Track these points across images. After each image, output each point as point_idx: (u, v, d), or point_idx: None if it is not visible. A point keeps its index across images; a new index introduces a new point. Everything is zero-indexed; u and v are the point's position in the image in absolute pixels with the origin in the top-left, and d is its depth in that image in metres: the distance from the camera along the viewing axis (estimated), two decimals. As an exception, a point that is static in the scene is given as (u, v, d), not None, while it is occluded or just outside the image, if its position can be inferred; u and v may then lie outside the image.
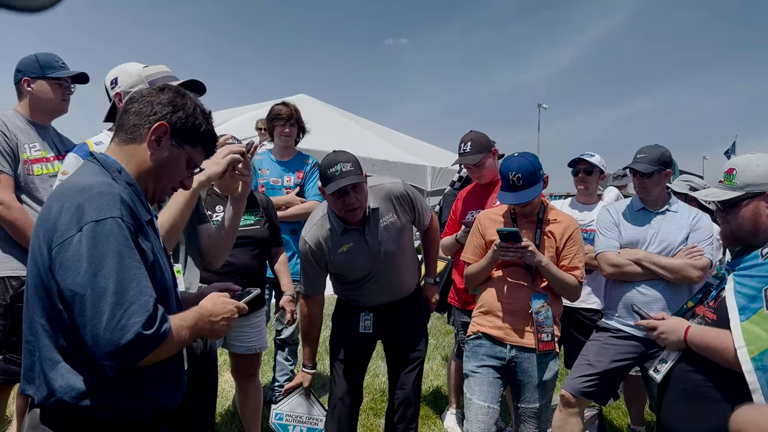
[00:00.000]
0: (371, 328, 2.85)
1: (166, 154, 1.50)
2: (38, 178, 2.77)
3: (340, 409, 2.87)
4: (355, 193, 2.54)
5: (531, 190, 2.53)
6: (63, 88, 2.88)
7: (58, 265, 1.27)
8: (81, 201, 1.30)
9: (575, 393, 2.94)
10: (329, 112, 12.10)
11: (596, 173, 3.65)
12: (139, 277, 1.30)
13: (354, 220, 2.66)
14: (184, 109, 1.51)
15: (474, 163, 3.32)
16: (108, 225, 1.28)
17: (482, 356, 2.64)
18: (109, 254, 1.27)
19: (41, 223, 1.35)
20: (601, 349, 2.97)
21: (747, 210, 1.93)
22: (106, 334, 1.23)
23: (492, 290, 2.67)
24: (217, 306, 1.53)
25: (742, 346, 1.73)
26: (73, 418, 1.33)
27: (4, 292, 2.66)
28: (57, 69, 2.85)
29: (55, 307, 1.31)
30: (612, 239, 3.02)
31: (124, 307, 1.25)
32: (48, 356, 1.32)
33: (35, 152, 2.77)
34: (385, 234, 2.72)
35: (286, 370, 4.23)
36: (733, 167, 1.98)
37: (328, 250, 2.70)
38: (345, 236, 2.70)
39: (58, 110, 2.93)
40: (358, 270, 2.77)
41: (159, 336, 1.30)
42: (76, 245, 1.26)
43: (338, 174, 2.47)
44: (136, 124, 1.48)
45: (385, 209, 2.73)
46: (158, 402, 1.45)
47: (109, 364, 1.25)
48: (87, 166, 1.47)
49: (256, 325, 3.14)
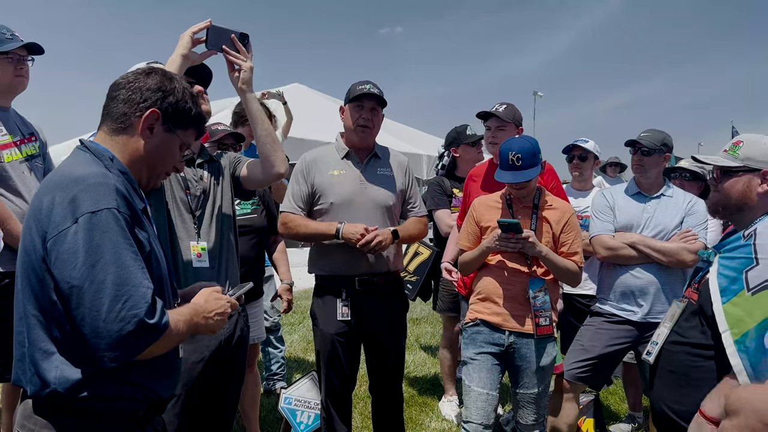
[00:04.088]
0: (349, 315, 2.76)
1: (158, 140, 1.48)
2: (9, 165, 2.60)
3: (333, 397, 2.86)
4: (372, 115, 2.78)
5: (530, 170, 2.53)
6: (16, 63, 2.60)
7: (54, 257, 1.26)
8: (75, 192, 1.28)
9: (570, 378, 2.96)
10: (324, 101, 12.06)
11: (591, 159, 3.66)
12: (137, 268, 1.29)
13: (362, 139, 2.81)
14: (173, 94, 1.49)
15: (501, 122, 3.19)
16: (104, 216, 1.27)
17: (481, 343, 2.65)
18: (106, 245, 1.26)
19: (33, 215, 1.33)
20: (596, 333, 2.99)
21: (739, 182, 1.90)
22: (107, 326, 1.23)
23: (489, 277, 2.66)
24: (209, 302, 1.52)
25: (726, 330, 1.73)
26: (67, 407, 1.33)
27: None
28: (5, 42, 2.55)
29: (49, 298, 1.29)
30: (607, 222, 3.03)
31: (124, 299, 1.24)
32: (41, 347, 1.31)
33: (2, 137, 2.59)
34: (378, 180, 2.81)
35: (278, 357, 4.26)
36: (742, 140, 1.96)
37: (321, 168, 2.81)
38: (342, 163, 2.82)
39: (15, 87, 2.66)
40: (339, 193, 2.75)
41: (160, 327, 1.30)
42: (72, 237, 1.25)
43: (367, 89, 2.73)
44: (126, 113, 1.46)
45: (388, 163, 2.90)
46: (153, 391, 1.44)
47: (109, 355, 1.25)
48: (78, 155, 1.44)
49: (253, 315, 3.14)
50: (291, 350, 5.28)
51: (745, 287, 1.72)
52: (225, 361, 2.27)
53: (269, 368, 4.25)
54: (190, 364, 2.13)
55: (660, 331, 2.15)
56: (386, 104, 2.82)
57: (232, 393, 2.39)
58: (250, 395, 3.26)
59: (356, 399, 3.71)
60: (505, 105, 3.27)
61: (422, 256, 3.94)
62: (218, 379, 2.28)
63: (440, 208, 3.85)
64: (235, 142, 3.02)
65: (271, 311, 4.05)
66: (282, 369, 4.27)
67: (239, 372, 2.43)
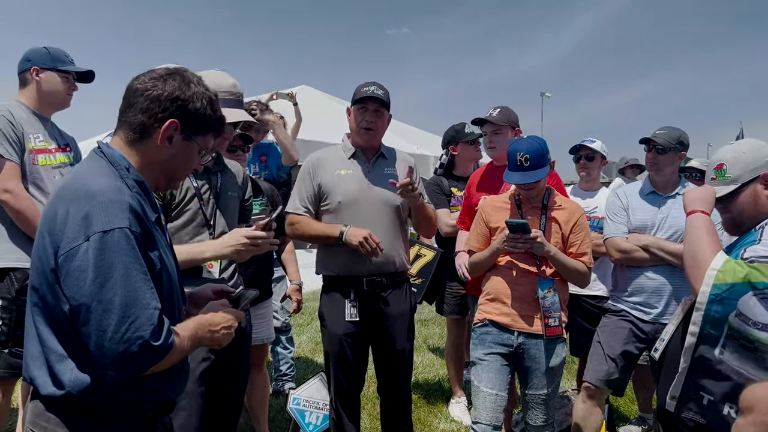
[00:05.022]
0: (357, 315, 2.76)
1: (177, 149, 1.48)
2: (42, 168, 2.78)
3: (341, 398, 2.86)
4: (375, 117, 2.78)
5: (538, 171, 2.53)
6: (69, 83, 2.93)
7: (65, 273, 1.27)
8: (89, 209, 1.28)
9: (596, 383, 2.90)
10: (332, 103, 12.09)
11: (598, 159, 3.63)
12: (145, 289, 1.29)
13: (366, 141, 2.83)
14: (192, 102, 1.47)
15: (496, 127, 3.31)
16: (116, 236, 1.27)
17: (489, 344, 2.64)
18: (116, 266, 1.26)
19: (46, 223, 1.33)
20: (612, 334, 2.96)
21: (745, 196, 1.96)
22: (111, 346, 1.24)
23: (498, 277, 2.66)
24: (216, 316, 1.52)
25: (715, 268, 1.75)
26: (79, 408, 1.34)
27: (9, 286, 2.65)
28: (66, 63, 2.90)
29: (61, 309, 1.30)
30: (620, 224, 3.00)
31: (130, 320, 1.25)
32: (56, 350, 1.33)
33: (39, 143, 2.79)
34: (384, 180, 2.81)
35: (287, 358, 4.26)
36: (722, 162, 2.00)
37: (328, 168, 2.83)
38: (349, 162, 2.84)
39: (62, 103, 2.96)
40: (346, 192, 2.76)
41: (164, 349, 1.30)
42: (82, 255, 1.25)
43: (371, 91, 2.75)
44: (144, 123, 1.44)
45: (395, 163, 2.90)
46: (163, 393, 1.46)
47: (111, 374, 1.26)
48: (95, 162, 1.43)
49: (263, 315, 3.15)
50: (299, 351, 5.28)
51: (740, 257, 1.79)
52: (227, 359, 2.27)
53: (278, 369, 4.26)
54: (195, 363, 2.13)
55: (668, 328, 2.19)
56: (389, 106, 2.83)
57: (236, 392, 2.39)
58: (259, 396, 3.27)
59: (365, 400, 3.71)
60: (499, 109, 3.33)
61: (425, 258, 3.90)
62: (220, 378, 2.28)
63: (439, 208, 3.83)
64: (244, 143, 3.02)
65: (281, 312, 4.06)
66: (291, 370, 4.28)
67: (242, 371, 2.43)
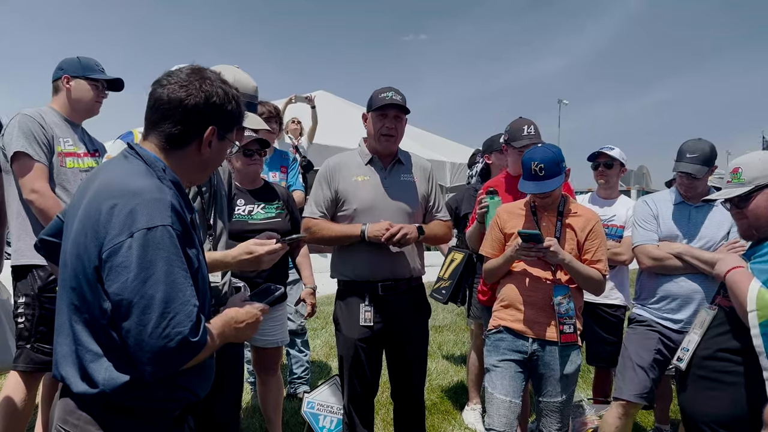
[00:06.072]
0: (372, 320, 2.76)
1: (214, 151, 1.53)
2: (70, 171, 2.87)
3: (355, 402, 2.86)
4: (396, 122, 2.78)
5: (553, 180, 2.51)
6: (99, 90, 3.04)
7: (108, 269, 1.29)
8: (133, 206, 1.31)
9: (634, 399, 2.86)
10: (348, 108, 12.15)
11: (617, 167, 3.59)
12: (186, 286, 1.33)
13: (386, 148, 2.82)
14: (224, 104, 1.51)
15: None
16: (159, 233, 1.31)
17: (504, 350, 2.63)
18: (159, 262, 1.29)
19: (90, 219, 1.34)
20: (641, 343, 2.93)
21: (760, 200, 2.05)
22: (151, 341, 1.27)
23: (512, 284, 2.65)
24: (240, 312, 1.56)
25: (753, 309, 1.87)
26: (111, 405, 1.37)
27: (32, 283, 2.71)
28: (96, 72, 3.02)
29: (100, 307, 1.33)
30: (651, 231, 2.98)
31: (171, 316, 1.28)
32: (90, 349, 1.35)
33: (68, 146, 2.89)
34: (401, 187, 2.82)
35: (302, 361, 4.28)
36: (738, 166, 2.13)
37: (345, 174, 2.83)
38: (365, 169, 2.85)
39: (92, 110, 3.07)
40: (363, 199, 2.77)
41: (200, 345, 1.34)
42: (126, 251, 1.28)
43: (389, 97, 2.75)
44: (183, 133, 1.47)
45: (412, 169, 2.91)
46: (192, 391, 1.49)
47: (150, 369, 1.29)
48: (132, 163, 1.45)
49: (277, 318, 3.17)
50: (314, 355, 5.30)
51: None
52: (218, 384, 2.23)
53: (293, 372, 4.28)
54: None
55: (690, 337, 2.24)
56: (409, 111, 2.83)
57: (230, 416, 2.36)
58: (273, 399, 3.28)
59: (378, 405, 3.71)
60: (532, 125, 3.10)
61: (456, 261, 3.96)
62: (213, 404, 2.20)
63: None
64: (260, 147, 3.05)
65: (295, 315, 4.08)
66: (306, 373, 4.29)
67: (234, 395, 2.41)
